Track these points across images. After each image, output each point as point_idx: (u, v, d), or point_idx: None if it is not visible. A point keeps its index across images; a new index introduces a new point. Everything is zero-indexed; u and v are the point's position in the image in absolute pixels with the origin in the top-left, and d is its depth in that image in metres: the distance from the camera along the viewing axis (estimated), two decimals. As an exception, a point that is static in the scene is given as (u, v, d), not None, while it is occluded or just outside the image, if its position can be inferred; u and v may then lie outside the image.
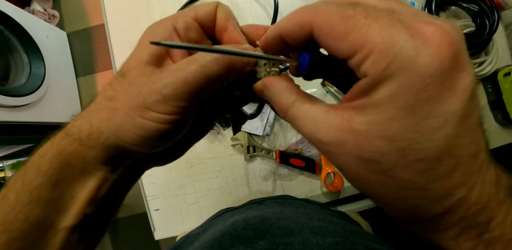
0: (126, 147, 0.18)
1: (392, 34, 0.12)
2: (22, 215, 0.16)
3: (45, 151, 0.17)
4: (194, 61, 0.16)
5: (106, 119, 0.17)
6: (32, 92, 1.06)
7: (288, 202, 0.43)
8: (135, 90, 0.16)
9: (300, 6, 0.15)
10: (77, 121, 0.18)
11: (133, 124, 0.16)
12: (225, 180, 0.54)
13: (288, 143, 0.54)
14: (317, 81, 0.57)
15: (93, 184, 0.18)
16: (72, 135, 0.17)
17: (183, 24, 0.18)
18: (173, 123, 0.17)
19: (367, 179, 0.14)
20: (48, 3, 1.48)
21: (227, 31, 0.19)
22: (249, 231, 0.30)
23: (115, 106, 0.17)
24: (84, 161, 0.18)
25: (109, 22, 0.59)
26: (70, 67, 1.42)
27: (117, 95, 0.17)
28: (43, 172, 0.17)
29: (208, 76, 0.16)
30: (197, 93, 0.17)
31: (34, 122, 1.08)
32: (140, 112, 0.16)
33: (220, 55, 0.16)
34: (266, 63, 0.19)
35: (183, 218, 0.53)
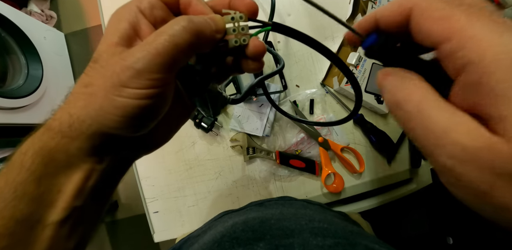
0: (110, 132, 0.17)
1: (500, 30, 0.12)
2: (6, 212, 0.16)
3: (26, 147, 0.17)
4: (162, 32, 0.16)
5: (84, 106, 0.17)
6: (30, 94, 1.06)
7: (288, 203, 0.42)
8: (108, 71, 0.16)
9: None
10: (57, 114, 0.17)
11: (113, 105, 0.16)
12: (225, 182, 0.53)
13: (288, 144, 0.53)
14: (316, 81, 0.56)
15: (79, 176, 0.18)
16: (53, 128, 0.17)
17: (147, 4, 0.18)
18: (152, 97, 0.17)
19: (491, 188, 0.13)
20: (46, 4, 1.48)
21: (191, 6, 0.19)
22: (248, 232, 0.30)
23: (92, 92, 0.16)
24: (68, 153, 0.17)
25: (105, 22, 0.58)
26: (68, 68, 1.41)
27: (92, 81, 0.17)
28: (26, 167, 0.17)
29: (178, 45, 0.16)
30: (170, 64, 0.17)
31: (32, 124, 1.07)
32: (117, 91, 0.16)
33: (187, 23, 0.16)
34: (235, 29, 0.19)
35: (182, 220, 0.52)
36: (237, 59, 0.22)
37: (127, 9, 0.18)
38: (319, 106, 0.55)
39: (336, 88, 0.54)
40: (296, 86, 0.56)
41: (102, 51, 0.17)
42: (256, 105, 0.54)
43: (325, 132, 0.54)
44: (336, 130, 0.54)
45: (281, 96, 0.56)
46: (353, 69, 0.52)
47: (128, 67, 0.16)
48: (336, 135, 0.54)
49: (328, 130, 0.54)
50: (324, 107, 0.55)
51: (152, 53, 0.16)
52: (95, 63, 0.17)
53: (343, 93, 0.55)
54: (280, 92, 0.54)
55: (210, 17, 0.18)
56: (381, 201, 0.55)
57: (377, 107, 0.52)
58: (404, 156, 0.54)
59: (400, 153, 0.54)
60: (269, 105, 0.54)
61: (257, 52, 0.20)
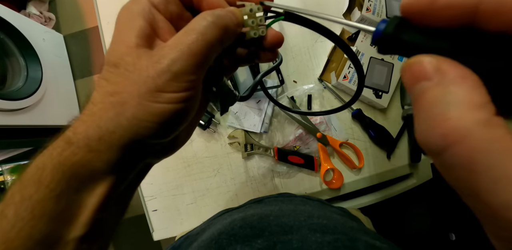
0: (142, 141, 0.16)
1: None
2: (24, 232, 0.15)
3: (43, 163, 0.16)
4: (192, 30, 0.16)
5: (115, 117, 0.15)
6: (30, 95, 1.06)
7: (287, 200, 0.42)
8: (139, 77, 0.15)
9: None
10: (79, 127, 0.16)
11: (149, 112, 0.15)
12: (223, 179, 0.53)
13: (286, 140, 0.53)
14: (314, 77, 0.56)
15: (103, 189, 0.17)
16: (75, 142, 0.16)
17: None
18: (187, 100, 0.16)
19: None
20: (44, 6, 1.48)
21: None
22: (246, 229, 0.29)
23: (122, 100, 0.15)
24: (93, 168, 0.16)
25: (102, 22, 0.58)
26: (68, 69, 1.42)
27: (119, 88, 0.15)
28: (45, 184, 0.15)
29: (210, 43, 0.16)
30: (204, 63, 0.16)
31: (32, 126, 1.08)
32: (153, 97, 0.15)
33: (216, 19, 0.16)
34: (254, 20, 0.18)
35: (181, 218, 0.52)
36: (251, 50, 0.21)
37: (139, 4, 0.17)
38: (317, 101, 0.55)
39: (334, 84, 0.54)
40: (293, 82, 0.56)
41: (123, 54, 0.16)
42: (253, 102, 0.54)
43: (323, 128, 0.53)
44: (334, 125, 0.54)
45: (278, 92, 0.55)
46: (351, 63, 0.52)
47: (164, 71, 0.15)
48: (334, 130, 0.53)
49: (327, 125, 0.53)
50: (322, 103, 0.54)
51: (187, 54, 0.15)
52: (116, 68, 0.16)
53: (340, 88, 0.55)
54: (278, 87, 0.53)
55: (229, 10, 0.17)
56: (381, 196, 0.54)
57: (376, 102, 0.52)
58: (404, 150, 0.54)
59: (399, 148, 0.54)
60: (267, 102, 0.53)
61: (277, 42, 0.19)
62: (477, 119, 0.09)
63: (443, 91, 0.10)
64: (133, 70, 0.15)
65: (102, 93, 0.16)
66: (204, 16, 0.16)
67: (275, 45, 0.20)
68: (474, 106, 0.09)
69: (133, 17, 0.16)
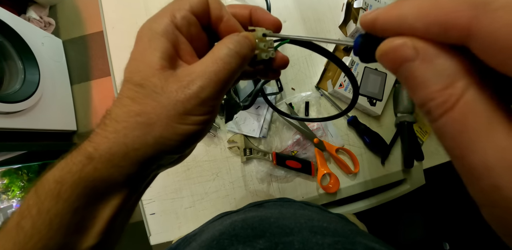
0: (161, 156, 0.17)
1: None
2: (41, 244, 0.15)
3: (62, 178, 0.16)
4: (220, 59, 0.17)
5: (141, 135, 0.16)
6: (26, 99, 1.05)
7: (287, 204, 0.43)
8: (168, 100, 0.16)
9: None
10: (102, 144, 0.16)
11: (175, 132, 0.16)
12: (222, 183, 0.54)
13: (284, 145, 0.54)
14: (311, 84, 0.58)
15: (117, 201, 0.18)
16: (97, 158, 0.16)
17: (183, 20, 0.17)
18: (209, 121, 0.18)
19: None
20: (44, 11, 1.50)
21: (223, 21, 0.19)
22: (248, 230, 0.30)
23: (149, 121, 0.16)
24: (112, 181, 0.17)
25: (107, 27, 0.60)
26: (65, 74, 1.42)
27: (147, 109, 0.16)
28: (64, 198, 0.16)
29: (234, 71, 0.17)
30: (226, 88, 0.17)
31: (26, 129, 1.06)
32: (181, 120, 0.16)
33: (239, 48, 0.17)
34: (266, 44, 0.20)
35: (179, 222, 0.52)
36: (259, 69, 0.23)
37: (162, 24, 0.17)
38: (314, 108, 0.57)
39: (330, 91, 0.56)
40: (292, 89, 0.58)
41: (149, 76, 0.16)
42: (253, 108, 0.55)
43: (320, 133, 0.55)
44: (331, 131, 0.55)
45: (277, 99, 0.57)
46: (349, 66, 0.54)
47: (193, 97, 0.16)
48: (331, 136, 0.55)
49: (324, 131, 0.55)
50: (319, 110, 0.56)
51: (214, 81, 0.16)
52: (142, 88, 0.16)
53: (336, 96, 0.57)
54: (276, 94, 0.55)
55: (245, 36, 0.18)
56: (376, 201, 0.55)
57: (370, 109, 0.54)
58: (397, 157, 0.56)
59: (393, 154, 0.56)
60: (266, 107, 0.55)
61: (283, 64, 0.21)
62: (466, 85, 0.10)
63: (431, 67, 0.11)
64: (162, 93, 0.16)
65: (127, 112, 0.16)
66: (227, 45, 0.17)
67: (282, 66, 0.22)
68: (461, 74, 0.10)
69: (156, 37, 0.17)
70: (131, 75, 0.17)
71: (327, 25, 0.61)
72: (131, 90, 0.16)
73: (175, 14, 0.17)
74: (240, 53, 0.17)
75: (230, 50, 0.17)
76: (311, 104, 0.57)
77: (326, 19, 0.61)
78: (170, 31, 0.17)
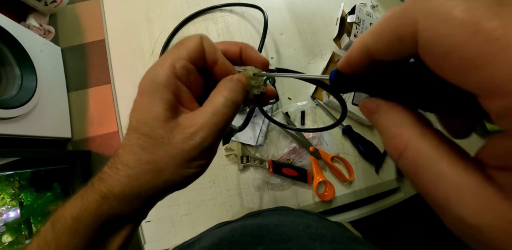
0: (167, 193, 0.20)
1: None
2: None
3: (79, 215, 0.18)
4: (218, 111, 0.18)
5: (151, 180, 0.18)
6: (22, 105, 1.05)
7: (285, 213, 0.43)
8: (175, 150, 0.18)
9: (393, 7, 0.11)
10: (116, 186, 0.18)
11: (181, 175, 0.18)
12: (219, 190, 0.54)
13: (281, 153, 0.55)
14: (307, 94, 0.60)
15: (127, 232, 0.20)
16: (111, 197, 0.18)
17: (182, 70, 0.19)
18: (210, 162, 0.20)
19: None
20: (44, 19, 1.52)
21: (218, 64, 0.21)
22: (247, 237, 0.30)
23: (158, 168, 0.18)
24: (124, 216, 0.19)
25: (109, 36, 0.61)
26: (62, 81, 1.42)
27: (156, 158, 0.18)
28: (81, 234, 0.18)
29: (231, 118, 0.19)
30: (223, 134, 0.19)
31: (21, 136, 1.05)
32: (186, 165, 0.18)
33: (235, 98, 0.19)
34: (256, 81, 0.22)
35: (175, 230, 0.52)
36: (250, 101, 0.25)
37: (164, 76, 0.18)
38: (309, 117, 0.58)
39: (325, 101, 0.58)
40: (288, 98, 0.60)
41: (155, 127, 0.18)
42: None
43: (316, 142, 0.56)
44: (326, 140, 0.57)
45: (274, 108, 0.58)
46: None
47: (197, 147, 0.18)
48: (326, 145, 0.56)
49: (319, 140, 0.56)
50: (315, 119, 0.58)
51: (214, 132, 0.18)
52: (150, 138, 0.18)
53: (331, 106, 0.58)
54: (273, 104, 0.57)
55: (238, 79, 0.20)
56: (371, 210, 0.56)
57: (364, 119, 0.56)
58: (391, 165, 0.57)
59: (387, 163, 0.57)
60: (263, 116, 0.56)
61: (272, 96, 0.24)
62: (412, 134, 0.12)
63: (384, 118, 0.14)
64: (168, 144, 0.18)
65: (138, 159, 0.18)
66: (224, 95, 0.19)
67: (271, 98, 0.24)
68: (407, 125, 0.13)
69: (159, 88, 0.18)
70: (139, 125, 0.18)
71: (322, 38, 0.64)
72: (140, 140, 0.18)
73: (175, 64, 0.19)
74: (236, 102, 0.19)
75: (227, 101, 0.19)
76: (307, 114, 0.58)
77: (321, 32, 0.64)
78: (172, 82, 0.18)
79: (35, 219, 1.10)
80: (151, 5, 0.65)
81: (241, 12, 0.65)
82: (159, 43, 0.62)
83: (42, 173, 1.17)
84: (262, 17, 0.60)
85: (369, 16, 0.61)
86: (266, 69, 0.23)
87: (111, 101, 0.61)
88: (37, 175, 1.15)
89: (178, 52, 0.19)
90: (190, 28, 0.64)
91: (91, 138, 1.40)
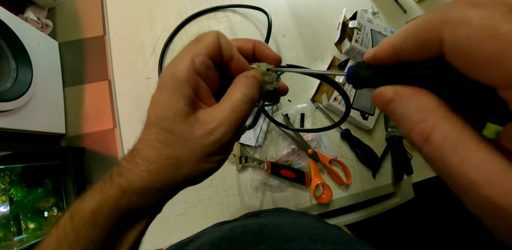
0: (185, 187, 0.20)
1: None
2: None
3: (98, 208, 0.18)
4: (237, 107, 0.19)
5: (172, 174, 0.18)
6: (16, 98, 1.03)
7: (284, 214, 0.43)
8: (196, 145, 0.18)
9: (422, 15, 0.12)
10: (136, 181, 0.18)
11: (200, 170, 0.19)
12: (216, 190, 0.54)
13: (279, 155, 0.55)
14: (307, 97, 0.60)
15: (143, 225, 0.20)
16: (130, 191, 0.18)
17: (202, 66, 0.19)
18: (227, 157, 0.21)
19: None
20: (43, 13, 1.49)
21: (233, 60, 0.21)
22: (248, 236, 0.30)
23: (179, 163, 0.18)
24: (142, 210, 0.19)
25: (111, 32, 0.61)
26: (58, 76, 1.40)
27: (177, 153, 0.18)
28: (100, 226, 0.18)
29: (248, 113, 0.20)
30: (241, 129, 0.20)
31: (14, 130, 1.03)
32: (206, 160, 0.19)
33: (253, 94, 0.20)
34: (270, 77, 0.22)
35: (171, 229, 0.51)
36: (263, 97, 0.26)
37: (184, 71, 0.18)
38: (309, 120, 0.58)
39: (325, 104, 0.58)
40: (288, 100, 0.60)
41: (176, 122, 0.18)
42: (250, 117, 0.56)
43: (314, 145, 0.56)
44: (325, 143, 0.57)
45: (273, 109, 0.59)
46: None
47: (217, 142, 0.18)
48: (324, 148, 0.57)
49: (318, 142, 0.57)
50: (314, 121, 0.58)
51: (233, 127, 0.19)
52: (171, 134, 0.18)
53: (331, 109, 0.59)
54: (273, 105, 0.57)
55: (254, 75, 0.21)
56: (367, 214, 0.57)
57: (362, 123, 0.56)
58: (388, 170, 0.58)
59: (383, 167, 0.57)
60: (262, 117, 0.56)
61: (284, 91, 0.24)
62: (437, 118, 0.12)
63: (407, 105, 0.13)
64: (189, 139, 0.18)
65: (159, 154, 0.18)
66: (242, 91, 0.19)
67: (283, 93, 0.25)
68: (431, 109, 0.13)
69: (179, 84, 0.18)
70: (159, 120, 0.19)
71: (323, 41, 0.64)
72: (160, 135, 0.18)
73: (195, 60, 0.19)
74: (253, 98, 0.20)
75: (245, 97, 0.19)
76: (306, 116, 0.58)
77: (323, 36, 0.65)
78: (192, 78, 0.19)
79: (25, 215, 1.08)
80: (154, 2, 0.65)
81: (244, 12, 0.65)
82: (161, 41, 0.61)
83: (33, 169, 1.15)
84: (264, 18, 0.60)
85: (370, 22, 0.62)
86: (278, 65, 0.23)
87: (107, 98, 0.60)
88: (28, 170, 1.12)
89: (197, 48, 0.19)
90: (192, 27, 0.63)
91: (85, 135, 1.38)
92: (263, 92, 0.22)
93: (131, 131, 0.56)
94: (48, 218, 1.16)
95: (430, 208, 1.04)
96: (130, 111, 0.57)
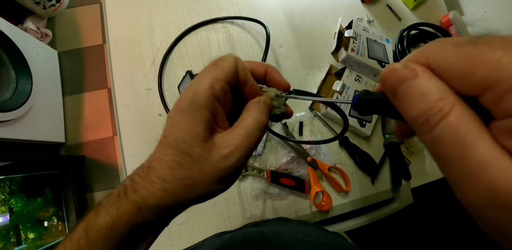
0: (193, 204, 0.21)
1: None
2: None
3: (115, 224, 0.19)
4: (251, 134, 0.20)
5: (185, 194, 0.19)
6: (16, 108, 1.03)
7: (284, 223, 0.44)
8: (211, 169, 0.19)
9: None
10: (152, 199, 0.19)
11: (212, 191, 0.20)
12: (217, 199, 0.54)
13: (279, 163, 0.56)
14: (305, 105, 0.61)
15: (153, 238, 0.22)
16: (145, 208, 0.19)
17: (221, 91, 0.20)
18: (236, 179, 0.22)
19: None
20: (42, 22, 1.51)
21: (247, 85, 0.22)
22: (247, 244, 0.31)
23: (194, 184, 0.19)
24: (154, 225, 0.21)
25: (111, 44, 0.62)
26: (58, 85, 1.41)
27: (192, 175, 0.19)
28: (114, 241, 0.19)
29: (260, 140, 0.21)
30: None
31: (14, 140, 1.03)
32: (219, 182, 0.20)
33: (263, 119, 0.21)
34: (278, 102, 0.24)
35: (171, 239, 0.52)
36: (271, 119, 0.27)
37: (205, 97, 0.19)
38: (307, 128, 0.59)
39: (323, 113, 0.59)
40: (286, 109, 0.61)
41: (193, 146, 0.19)
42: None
43: (313, 152, 0.57)
44: (323, 151, 0.58)
45: (273, 118, 0.59)
46: (338, 95, 0.58)
47: (231, 166, 0.19)
48: (323, 155, 0.58)
49: (316, 150, 0.57)
50: (312, 130, 0.59)
51: (246, 153, 0.20)
52: (188, 156, 0.19)
53: (329, 117, 0.60)
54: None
55: (265, 101, 0.22)
56: (367, 220, 0.57)
57: (360, 130, 0.57)
58: (386, 176, 0.58)
59: (382, 173, 0.58)
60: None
61: (289, 115, 0.26)
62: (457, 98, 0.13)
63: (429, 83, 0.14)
64: (205, 162, 0.19)
65: (174, 175, 0.19)
66: (254, 117, 0.21)
67: (289, 117, 0.26)
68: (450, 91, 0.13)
69: (199, 109, 0.19)
70: (177, 143, 0.19)
71: (320, 50, 0.66)
72: (177, 157, 0.19)
73: (214, 85, 0.20)
74: (265, 125, 0.21)
75: (258, 124, 0.20)
76: (305, 124, 0.59)
77: (319, 45, 0.66)
78: (211, 103, 0.20)
79: (24, 225, 1.07)
80: (153, 14, 0.66)
81: (241, 24, 0.66)
82: (160, 52, 0.62)
83: (33, 178, 1.15)
84: (262, 29, 0.61)
85: (366, 31, 0.64)
86: (287, 91, 0.24)
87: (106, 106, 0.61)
88: (28, 180, 1.12)
89: (216, 73, 0.20)
90: (191, 38, 0.65)
91: (85, 143, 1.38)
92: (270, 116, 0.24)
93: (130, 141, 0.57)
94: (48, 228, 1.16)
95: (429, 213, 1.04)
96: (130, 122, 0.58)
